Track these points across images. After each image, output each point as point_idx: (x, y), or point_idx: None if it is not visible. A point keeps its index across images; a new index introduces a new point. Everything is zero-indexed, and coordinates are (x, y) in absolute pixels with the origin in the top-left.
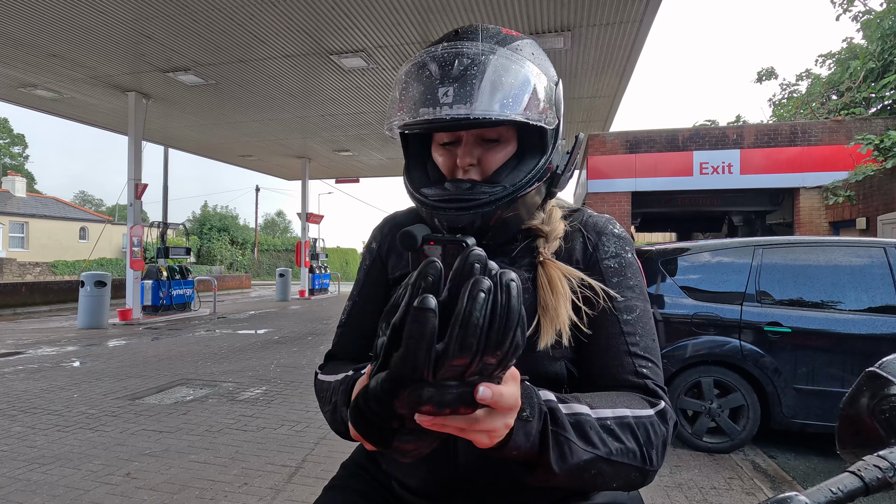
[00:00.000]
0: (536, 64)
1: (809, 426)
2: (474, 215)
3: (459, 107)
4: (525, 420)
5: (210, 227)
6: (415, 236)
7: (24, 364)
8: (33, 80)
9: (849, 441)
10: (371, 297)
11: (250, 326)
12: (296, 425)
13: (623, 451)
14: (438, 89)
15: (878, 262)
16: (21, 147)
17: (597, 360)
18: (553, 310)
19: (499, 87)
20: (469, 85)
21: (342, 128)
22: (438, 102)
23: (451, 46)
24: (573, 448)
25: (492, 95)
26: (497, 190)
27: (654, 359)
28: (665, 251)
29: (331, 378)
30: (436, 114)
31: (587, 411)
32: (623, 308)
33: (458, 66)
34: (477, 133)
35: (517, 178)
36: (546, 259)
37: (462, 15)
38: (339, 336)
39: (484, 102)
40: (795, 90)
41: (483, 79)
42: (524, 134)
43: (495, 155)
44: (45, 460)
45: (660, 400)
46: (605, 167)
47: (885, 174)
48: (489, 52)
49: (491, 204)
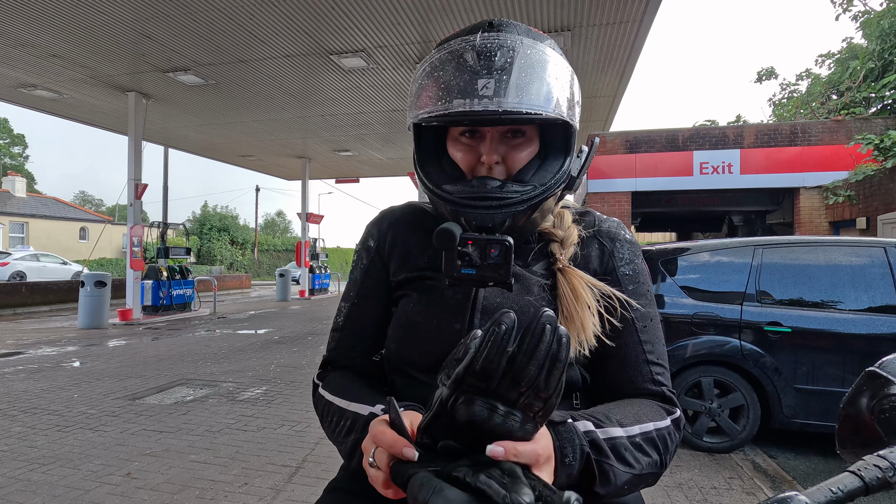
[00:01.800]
0: (563, 62)
1: (809, 426)
2: (506, 214)
3: (501, 100)
4: (568, 465)
5: (210, 227)
6: (453, 235)
7: (25, 364)
8: (33, 80)
9: (849, 441)
10: (370, 298)
11: (250, 326)
12: (296, 425)
13: (650, 463)
14: (478, 81)
15: (878, 262)
16: (21, 147)
17: (615, 369)
18: (579, 321)
19: (542, 82)
20: (512, 78)
21: (342, 128)
22: (478, 94)
23: (490, 37)
24: (616, 472)
25: (537, 91)
26: (528, 189)
27: (666, 364)
28: (665, 251)
29: (346, 403)
30: (473, 105)
31: (621, 433)
32: (639, 316)
33: (500, 58)
34: (503, 129)
35: (545, 178)
36: (566, 267)
37: (462, 15)
38: (336, 341)
39: (531, 97)
40: (795, 90)
41: (526, 73)
42: (547, 133)
43: (521, 153)
44: (45, 460)
45: (675, 408)
46: (605, 167)
47: (885, 174)
48: (530, 46)
49: (523, 203)
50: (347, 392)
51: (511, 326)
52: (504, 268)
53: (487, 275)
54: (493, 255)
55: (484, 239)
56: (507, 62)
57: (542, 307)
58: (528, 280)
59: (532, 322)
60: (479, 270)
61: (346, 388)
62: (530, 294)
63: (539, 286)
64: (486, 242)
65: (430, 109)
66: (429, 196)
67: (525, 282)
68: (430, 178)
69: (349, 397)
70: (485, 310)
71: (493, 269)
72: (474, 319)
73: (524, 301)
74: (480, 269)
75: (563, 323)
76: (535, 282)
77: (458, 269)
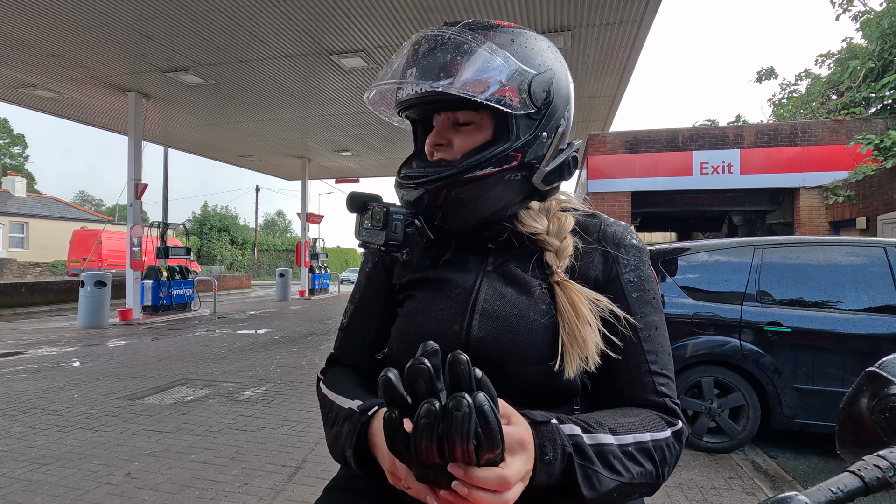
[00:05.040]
0: (511, 50)
1: (810, 426)
2: (420, 191)
3: (419, 83)
4: (547, 463)
5: (210, 227)
6: (358, 201)
7: (25, 364)
8: (33, 80)
9: (849, 441)
10: (372, 301)
11: (250, 326)
12: (296, 425)
13: (642, 473)
14: (407, 72)
15: (878, 262)
16: (21, 147)
17: (617, 378)
18: (581, 338)
19: (468, 64)
20: (433, 62)
21: (342, 128)
22: (405, 79)
23: (424, 35)
24: (601, 478)
25: (454, 71)
26: (448, 168)
27: (670, 374)
28: (665, 251)
29: (334, 396)
30: (400, 93)
31: (611, 440)
32: (643, 326)
33: (424, 48)
34: (451, 117)
35: (470, 159)
36: (563, 280)
37: (462, 15)
38: (340, 340)
39: (438, 79)
40: (795, 90)
41: (450, 57)
42: (500, 122)
43: (465, 139)
44: (45, 460)
45: (677, 419)
46: (605, 167)
47: (885, 174)
48: (451, 34)
49: (435, 181)
50: (341, 387)
51: (434, 413)
52: (381, 235)
53: (369, 240)
54: (376, 220)
55: (379, 206)
56: (431, 50)
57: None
58: (530, 284)
59: (450, 401)
60: (369, 234)
61: (342, 383)
62: (530, 297)
63: (540, 289)
64: (379, 209)
65: (367, 93)
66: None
67: (526, 285)
68: (404, 165)
69: (340, 392)
70: (484, 312)
71: (375, 236)
72: (473, 322)
73: (524, 305)
74: (370, 234)
75: (566, 339)
76: (536, 284)
77: (359, 232)
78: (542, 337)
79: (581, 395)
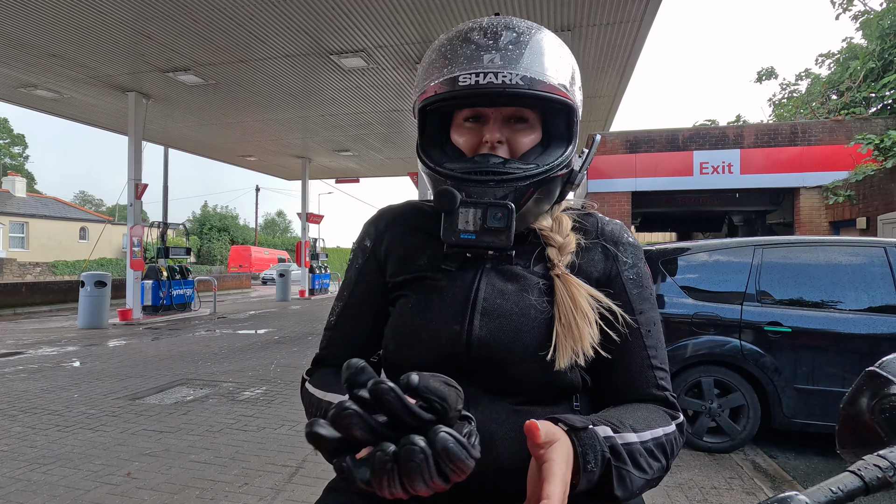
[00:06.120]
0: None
1: (810, 426)
2: (507, 189)
3: (509, 72)
4: (589, 471)
5: (210, 227)
6: (455, 196)
7: (25, 364)
8: (33, 80)
9: (849, 441)
10: (363, 298)
11: (250, 326)
12: (296, 425)
13: (660, 468)
14: (484, 56)
15: (879, 262)
16: (21, 147)
17: (620, 373)
18: (577, 330)
19: (549, 62)
20: (518, 53)
21: (342, 128)
22: (483, 67)
23: (497, 19)
24: (633, 478)
25: (543, 69)
26: (531, 167)
27: (668, 368)
28: (665, 251)
29: (322, 394)
30: (479, 79)
31: (635, 439)
32: (644, 322)
33: (506, 37)
34: (506, 113)
35: (547, 160)
36: (563, 273)
37: (462, 15)
38: (327, 340)
39: (537, 74)
40: (795, 90)
41: (532, 51)
42: (550, 122)
43: (524, 137)
44: (45, 460)
45: (678, 413)
46: (605, 167)
47: (885, 174)
48: (537, 29)
49: (526, 179)
50: (330, 386)
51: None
52: (506, 233)
53: (487, 239)
54: (499, 218)
55: (485, 202)
56: (515, 40)
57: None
58: (529, 281)
59: (400, 449)
60: (478, 235)
61: (331, 383)
62: (531, 295)
63: (539, 288)
64: (487, 206)
65: (439, 84)
66: (430, 176)
67: (525, 282)
68: (432, 159)
69: (330, 389)
70: (485, 311)
71: (494, 234)
72: (474, 321)
73: (525, 303)
74: (480, 234)
75: (562, 332)
76: (536, 283)
77: (457, 233)
78: (543, 333)
79: (581, 392)
